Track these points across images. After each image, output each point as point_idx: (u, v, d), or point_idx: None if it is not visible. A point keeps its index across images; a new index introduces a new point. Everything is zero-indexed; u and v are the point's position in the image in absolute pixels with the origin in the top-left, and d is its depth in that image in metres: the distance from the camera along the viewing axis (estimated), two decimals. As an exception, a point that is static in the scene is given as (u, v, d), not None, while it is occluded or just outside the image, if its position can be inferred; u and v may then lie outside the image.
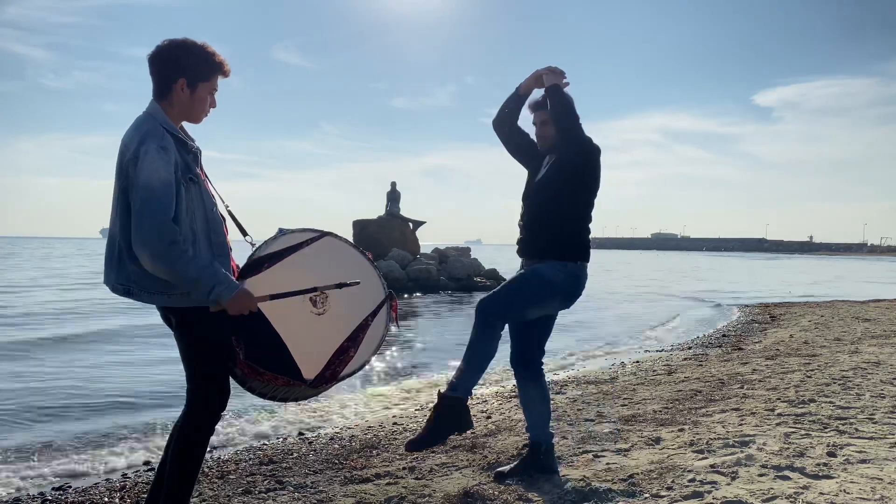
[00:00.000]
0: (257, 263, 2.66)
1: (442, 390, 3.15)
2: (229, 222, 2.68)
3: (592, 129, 3.25)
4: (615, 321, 14.02)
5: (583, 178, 3.25)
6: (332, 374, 2.73)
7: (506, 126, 3.45)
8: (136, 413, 5.88)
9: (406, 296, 19.45)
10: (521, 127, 3.46)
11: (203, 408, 2.51)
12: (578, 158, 3.22)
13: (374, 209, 24.30)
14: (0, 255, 53.99)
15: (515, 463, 3.47)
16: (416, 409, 5.89)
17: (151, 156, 2.26)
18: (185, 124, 2.54)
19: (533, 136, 3.45)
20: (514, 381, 3.55)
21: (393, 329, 2.93)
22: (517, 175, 3.54)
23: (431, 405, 3.37)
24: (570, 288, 3.22)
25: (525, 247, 3.34)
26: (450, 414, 3.10)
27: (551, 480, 3.29)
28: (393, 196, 24.09)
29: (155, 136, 2.32)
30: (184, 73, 2.41)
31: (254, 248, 2.72)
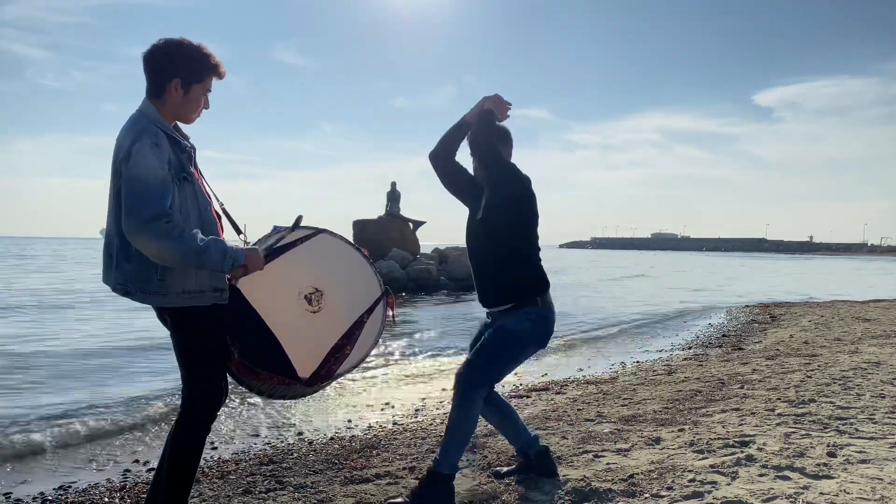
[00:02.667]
0: None
1: (431, 464, 3.02)
2: (224, 221, 2.67)
3: (593, 129, 3.23)
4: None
5: (519, 212, 3.07)
6: (327, 372, 2.72)
7: (447, 161, 3.19)
8: (135, 413, 5.87)
9: (405, 295, 19.43)
10: (459, 163, 3.22)
11: (199, 407, 2.51)
12: (509, 194, 3.05)
13: (374, 209, 24.33)
14: (9, 255, 53.95)
15: (513, 466, 3.47)
16: (415, 410, 5.89)
17: (144, 152, 2.26)
18: (179, 123, 2.54)
19: (471, 170, 3.26)
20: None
21: (390, 325, 2.92)
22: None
23: (420, 475, 3.28)
24: (541, 332, 3.08)
25: (483, 297, 3.17)
26: (435, 489, 2.96)
27: (551, 480, 3.29)
28: (393, 196, 24.09)
29: (148, 134, 2.31)
30: (178, 73, 2.40)
31: (249, 247, 2.72)
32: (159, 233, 2.19)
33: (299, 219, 2.72)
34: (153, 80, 2.42)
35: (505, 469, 3.46)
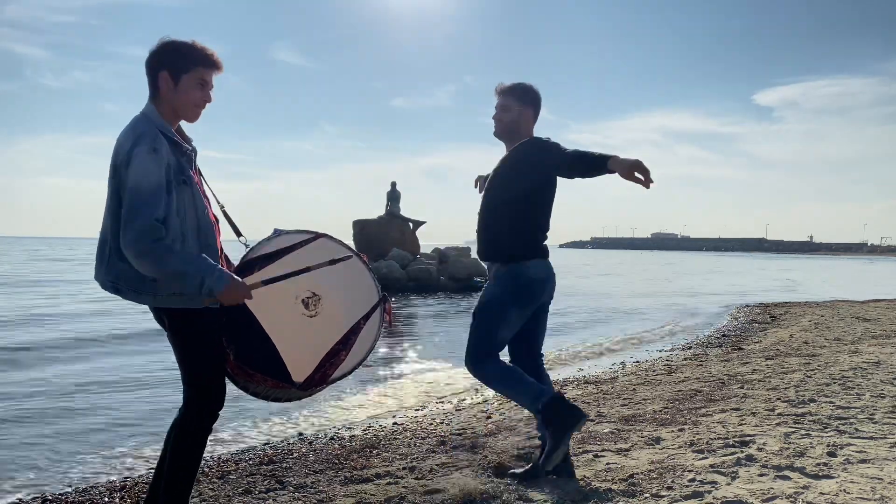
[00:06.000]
0: (250, 265, 2.65)
1: (539, 406, 3.08)
2: (224, 223, 2.67)
3: (593, 128, 3.25)
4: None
5: (535, 175, 3.17)
6: (321, 377, 2.71)
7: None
8: (136, 412, 5.88)
9: (399, 296, 19.43)
10: None
11: (198, 407, 2.51)
12: (533, 157, 3.16)
13: (374, 209, 24.28)
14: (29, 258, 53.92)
15: (528, 467, 3.42)
16: (415, 410, 5.90)
17: (142, 158, 2.27)
18: (183, 125, 2.54)
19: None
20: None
21: (388, 328, 2.91)
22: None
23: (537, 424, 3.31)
24: (520, 289, 3.18)
25: (480, 250, 3.34)
26: (556, 416, 3.03)
27: (551, 480, 3.29)
28: (393, 196, 24.04)
29: (148, 137, 2.32)
30: (165, 65, 2.42)
31: (248, 249, 2.72)
32: (143, 252, 2.24)
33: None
34: (149, 80, 2.45)
35: (520, 470, 3.43)
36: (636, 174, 2.89)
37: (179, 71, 2.43)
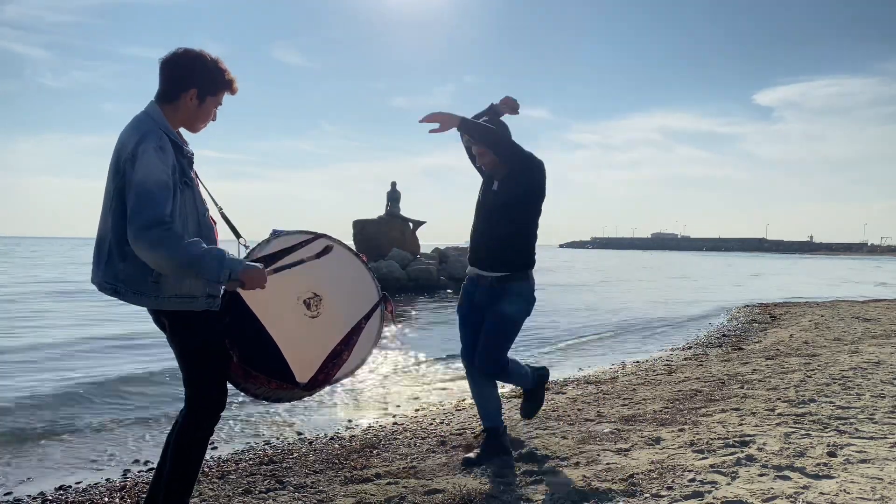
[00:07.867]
0: None
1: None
2: (222, 225, 2.68)
3: (593, 128, 3.36)
4: None
5: (530, 194, 3.54)
6: (325, 377, 2.73)
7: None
8: (136, 413, 5.87)
9: (399, 296, 19.42)
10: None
11: (201, 409, 2.51)
12: (528, 185, 3.51)
13: (374, 209, 24.29)
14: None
15: (479, 449, 3.76)
16: (415, 410, 5.90)
17: (149, 155, 2.27)
18: (181, 130, 2.55)
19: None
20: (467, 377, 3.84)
21: (390, 327, 2.93)
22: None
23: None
24: (530, 307, 3.62)
25: (482, 260, 3.59)
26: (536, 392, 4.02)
27: (551, 480, 3.29)
28: (393, 196, 24.03)
29: (153, 135, 2.32)
30: (197, 83, 2.44)
31: (248, 251, 2.72)
32: (156, 241, 2.20)
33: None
34: (169, 86, 2.44)
35: (472, 455, 3.70)
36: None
37: (207, 92, 2.47)
